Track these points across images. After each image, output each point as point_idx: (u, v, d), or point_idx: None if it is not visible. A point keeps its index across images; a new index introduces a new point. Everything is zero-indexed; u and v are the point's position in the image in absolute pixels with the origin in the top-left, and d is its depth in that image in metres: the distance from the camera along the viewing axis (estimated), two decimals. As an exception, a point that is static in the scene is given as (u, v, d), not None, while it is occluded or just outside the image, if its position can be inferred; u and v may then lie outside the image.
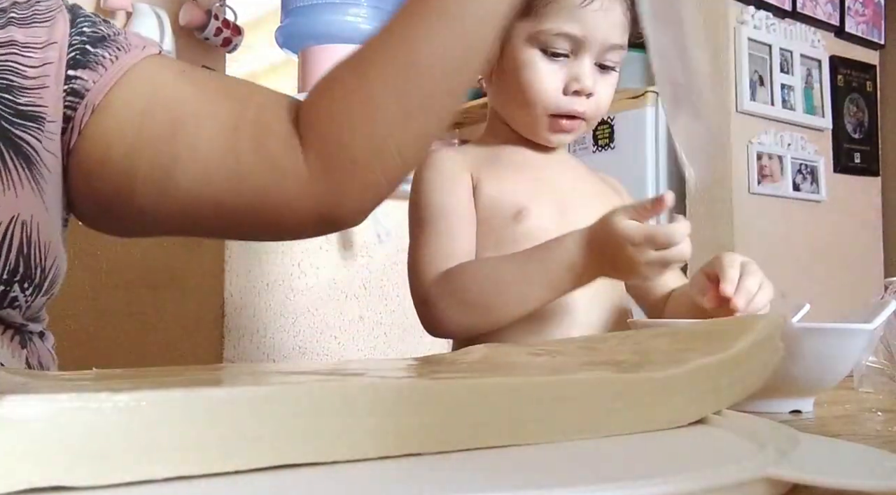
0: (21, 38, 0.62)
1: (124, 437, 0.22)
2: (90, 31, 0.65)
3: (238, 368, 0.37)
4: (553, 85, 0.89)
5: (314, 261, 1.76)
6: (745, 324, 0.39)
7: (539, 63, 0.89)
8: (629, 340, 0.44)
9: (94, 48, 0.64)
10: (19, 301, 0.58)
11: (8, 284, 0.56)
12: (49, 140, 0.61)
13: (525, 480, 0.24)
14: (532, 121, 0.91)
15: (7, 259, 0.56)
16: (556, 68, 0.89)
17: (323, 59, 2.12)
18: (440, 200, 0.91)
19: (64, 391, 0.22)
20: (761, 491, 0.24)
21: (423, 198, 0.92)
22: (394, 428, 0.26)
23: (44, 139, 0.60)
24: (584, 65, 0.89)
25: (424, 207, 0.92)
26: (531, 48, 0.89)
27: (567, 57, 0.89)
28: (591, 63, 0.89)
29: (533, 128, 0.92)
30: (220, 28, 2.78)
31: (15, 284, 0.57)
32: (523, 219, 0.89)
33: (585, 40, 0.88)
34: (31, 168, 0.59)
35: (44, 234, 0.58)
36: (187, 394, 0.23)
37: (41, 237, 0.57)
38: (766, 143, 2.37)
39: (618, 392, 0.31)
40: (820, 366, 0.50)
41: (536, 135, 0.93)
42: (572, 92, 0.89)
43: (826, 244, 2.50)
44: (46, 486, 0.21)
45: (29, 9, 0.64)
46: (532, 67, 0.89)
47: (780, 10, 2.42)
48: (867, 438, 0.41)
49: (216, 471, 0.23)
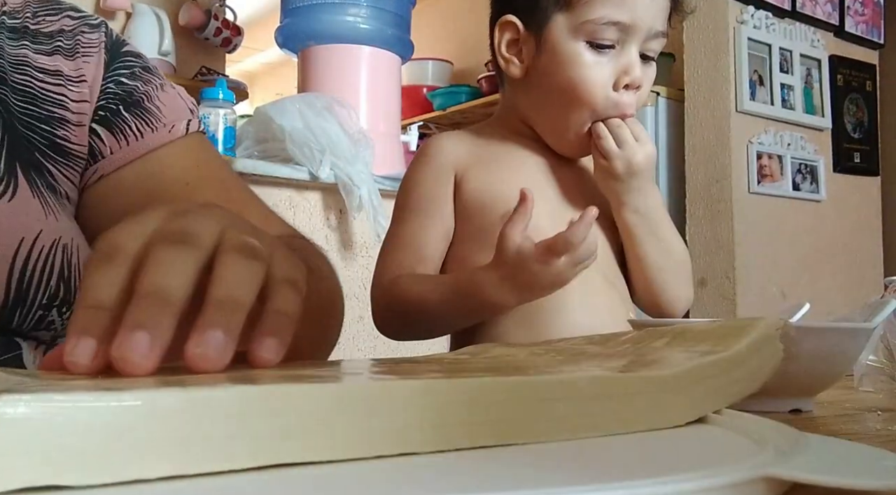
0: (66, 69, 0.62)
1: (120, 436, 0.22)
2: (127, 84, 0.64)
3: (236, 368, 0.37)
4: (603, 80, 0.83)
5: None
6: (746, 324, 0.39)
7: (587, 57, 0.83)
8: (629, 340, 0.44)
9: (125, 111, 0.63)
10: (55, 324, 0.58)
11: (47, 309, 0.56)
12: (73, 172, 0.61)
13: (525, 480, 0.24)
14: (571, 128, 0.85)
15: (48, 284, 0.56)
16: (605, 61, 0.83)
17: (323, 59, 2.12)
18: (417, 194, 0.90)
19: (60, 390, 0.22)
20: (761, 490, 0.24)
21: (405, 186, 0.92)
22: (393, 428, 0.26)
23: (68, 172, 0.61)
24: (632, 55, 0.83)
25: (402, 196, 0.91)
26: (576, 41, 0.83)
27: (613, 48, 0.83)
28: (637, 51, 0.84)
29: (567, 137, 0.86)
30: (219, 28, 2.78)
31: (54, 309, 0.57)
32: None
33: (634, 28, 0.82)
34: (57, 198, 0.59)
35: (84, 258, 0.58)
36: (184, 394, 0.23)
37: (81, 260, 0.58)
38: (766, 143, 2.37)
39: (618, 392, 0.31)
40: (820, 366, 0.50)
41: (569, 144, 0.87)
42: (623, 86, 0.83)
43: (826, 244, 2.50)
44: (42, 485, 0.21)
45: (72, 39, 0.63)
46: (579, 62, 0.83)
47: (780, 10, 2.42)
48: (867, 437, 0.41)
49: (213, 471, 0.23)
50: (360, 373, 0.38)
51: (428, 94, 3.46)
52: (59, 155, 0.60)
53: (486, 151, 0.91)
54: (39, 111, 0.60)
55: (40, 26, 0.63)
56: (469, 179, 0.89)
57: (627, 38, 0.83)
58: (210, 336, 0.31)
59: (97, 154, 0.62)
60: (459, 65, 3.65)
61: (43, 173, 0.59)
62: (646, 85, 0.86)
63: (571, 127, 0.86)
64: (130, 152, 0.63)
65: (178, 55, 2.69)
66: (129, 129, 0.63)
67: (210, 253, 0.34)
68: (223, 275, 0.33)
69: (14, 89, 0.59)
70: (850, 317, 0.56)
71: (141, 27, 2.55)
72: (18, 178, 0.57)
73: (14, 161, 0.57)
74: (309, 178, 1.85)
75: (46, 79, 0.61)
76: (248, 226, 0.38)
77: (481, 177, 0.89)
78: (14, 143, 0.58)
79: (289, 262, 0.38)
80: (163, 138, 0.64)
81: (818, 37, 2.54)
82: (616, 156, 0.84)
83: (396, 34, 2.17)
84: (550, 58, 0.84)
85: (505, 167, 0.90)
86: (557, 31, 0.84)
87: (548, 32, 0.84)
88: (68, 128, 0.61)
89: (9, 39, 0.61)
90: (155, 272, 0.32)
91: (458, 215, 0.89)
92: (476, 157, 0.91)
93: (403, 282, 0.84)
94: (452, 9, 3.68)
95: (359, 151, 1.86)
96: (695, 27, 2.37)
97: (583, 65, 0.83)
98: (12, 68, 0.60)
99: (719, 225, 2.30)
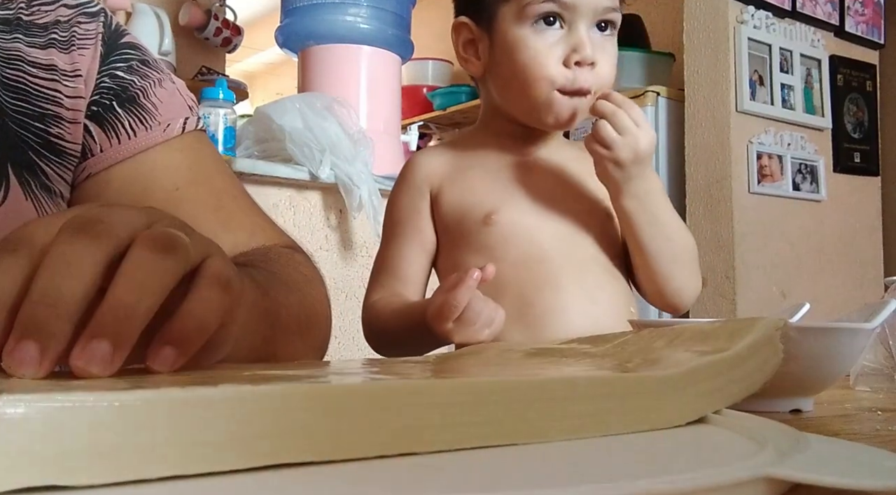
0: (61, 63, 0.59)
1: (120, 436, 0.22)
2: (123, 78, 0.61)
3: (236, 368, 0.37)
4: (552, 57, 0.84)
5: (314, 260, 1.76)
6: (746, 324, 0.39)
7: (532, 38, 0.85)
8: (629, 340, 0.44)
9: (119, 107, 0.60)
10: None
11: None
12: (67, 171, 0.59)
13: (524, 480, 0.24)
14: (539, 102, 0.86)
15: None
16: (552, 42, 0.85)
17: (323, 59, 2.12)
18: (395, 216, 0.95)
19: (60, 390, 0.22)
20: (761, 490, 0.24)
21: (387, 209, 0.97)
22: (392, 428, 0.26)
23: (62, 171, 0.59)
24: (580, 32, 0.84)
25: (385, 218, 0.97)
26: (521, 27, 0.85)
27: (560, 28, 0.85)
28: (587, 30, 0.85)
29: (540, 110, 0.87)
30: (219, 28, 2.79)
31: None
32: (493, 222, 0.88)
33: (576, 6, 0.84)
34: (52, 198, 0.57)
35: None
36: (184, 394, 0.23)
37: None
38: (766, 143, 2.37)
39: (617, 392, 0.31)
40: (820, 366, 0.50)
41: (545, 115, 0.87)
42: (574, 63, 0.84)
43: (826, 244, 2.50)
44: (42, 485, 0.21)
45: (68, 30, 0.60)
46: (525, 44, 0.85)
47: (780, 10, 2.42)
48: (867, 437, 0.41)
49: (213, 471, 0.23)
50: (360, 374, 0.38)
51: (428, 94, 3.46)
52: (53, 153, 0.58)
53: (463, 161, 0.94)
54: (32, 108, 0.57)
55: (34, 17, 0.60)
56: (444, 192, 0.92)
57: (572, 17, 0.84)
58: (94, 347, 0.28)
59: (87, 151, 0.59)
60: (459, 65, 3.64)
61: (37, 173, 0.57)
62: (604, 59, 0.86)
63: (537, 100, 0.86)
64: (121, 151, 0.60)
65: (178, 55, 2.69)
66: (122, 127, 0.60)
67: (122, 246, 0.31)
68: (126, 272, 0.30)
69: (6, 85, 0.57)
70: (850, 318, 0.56)
71: (141, 27, 2.55)
72: (10, 180, 0.55)
73: (6, 162, 0.55)
74: (309, 178, 1.85)
75: (40, 74, 0.58)
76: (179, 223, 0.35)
77: (455, 188, 0.92)
78: (6, 143, 0.56)
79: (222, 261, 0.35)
80: (156, 138, 0.61)
81: (818, 37, 2.54)
82: (619, 144, 0.83)
83: (396, 34, 2.16)
84: (502, 48, 0.88)
85: (480, 174, 0.92)
86: (504, 22, 0.87)
87: (496, 25, 0.88)
88: (62, 126, 0.58)
89: (1, 32, 0.58)
90: (51, 271, 0.29)
91: (440, 227, 0.93)
92: (452, 168, 0.93)
93: (378, 306, 0.90)
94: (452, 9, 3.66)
95: (359, 151, 1.86)
96: (695, 27, 2.37)
97: (529, 47, 0.85)
98: (4, 63, 0.57)
99: (719, 225, 2.30)
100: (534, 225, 0.88)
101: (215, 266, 0.34)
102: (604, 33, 0.87)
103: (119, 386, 0.26)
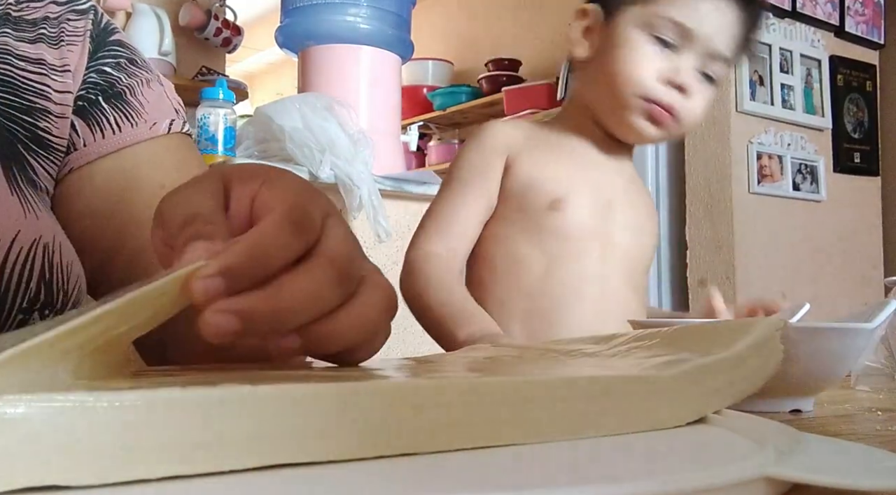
0: (50, 58, 0.58)
1: (121, 436, 0.22)
2: (110, 74, 0.60)
3: (236, 368, 0.37)
4: (650, 68, 0.88)
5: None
6: (746, 324, 0.39)
7: (643, 45, 0.89)
8: (630, 340, 0.44)
9: (105, 102, 0.59)
10: None
11: (27, 313, 0.52)
12: (53, 165, 0.58)
13: (524, 480, 0.24)
14: (619, 104, 0.90)
15: (28, 287, 0.52)
16: (659, 56, 0.89)
17: (323, 59, 2.12)
18: (464, 168, 0.95)
19: (60, 390, 0.22)
20: (761, 490, 0.24)
21: (454, 162, 0.97)
22: (391, 428, 0.26)
23: (48, 165, 0.58)
24: (688, 61, 0.89)
25: (450, 170, 0.97)
26: (640, 32, 0.89)
27: (672, 49, 0.89)
28: (693, 63, 0.89)
29: (618, 113, 0.91)
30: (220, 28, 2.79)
31: (35, 312, 0.53)
32: (559, 209, 0.91)
33: (693, 34, 0.88)
34: (37, 192, 0.56)
35: (66, 255, 0.55)
36: (184, 394, 0.23)
37: (63, 259, 0.54)
38: (766, 143, 2.37)
39: (617, 392, 0.31)
40: (820, 366, 0.50)
41: (621, 121, 0.92)
42: (668, 82, 0.88)
43: (826, 244, 2.50)
44: (42, 485, 0.21)
45: (57, 27, 0.60)
46: (633, 47, 0.89)
47: (780, 10, 2.42)
48: (867, 437, 0.41)
49: (213, 471, 0.23)
50: (360, 374, 0.38)
51: (428, 94, 3.46)
52: (41, 147, 0.57)
53: (541, 140, 0.96)
54: (21, 102, 0.56)
55: (23, 13, 0.59)
56: (519, 163, 0.94)
57: (687, 45, 0.88)
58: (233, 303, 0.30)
59: (70, 145, 0.58)
60: (459, 65, 3.65)
61: (24, 167, 0.56)
62: (698, 101, 0.90)
63: (620, 97, 0.90)
64: (105, 145, 0.58)
65: (178, 55, 2.69)
66: (107, 121, 0.59)
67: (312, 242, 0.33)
68: (304, 277, 0.32)
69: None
70: (850, 318, 0.56)
71: (141, 27, 2.55)
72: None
73: None
74: (309, 178, 1.85)
75: (28, 68, 0.57)
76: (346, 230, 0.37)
77: (531, 161, 0.93)
78: None
79: (385, 278, 0.37)
80: (142, 134, 0.59)
81: (818, 37, 2.54)
82: None
83: (396, 34, 2.16)
84: (614, 41, 0.91)
85: (555, 156, 0.95)
86: (626, 21, 0.91)
87: (619, 19, 0.91)
88: (50, 120, 0.57)
89: None
90: (261, 249, 0.31)
91: (503, 195, 0.94)
92: (531, 143, 0.95)
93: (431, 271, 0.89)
94: (452, 9, 3.68)
95: (358, 151, 1.86)
96: (695, 27, 2.37)
97: (636, 49, 0.89)
98: None
99: (719, 225, 2.30)
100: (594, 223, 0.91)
101: (380, 280, 0.36)
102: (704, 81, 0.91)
103: (119, 386, 0.26)
